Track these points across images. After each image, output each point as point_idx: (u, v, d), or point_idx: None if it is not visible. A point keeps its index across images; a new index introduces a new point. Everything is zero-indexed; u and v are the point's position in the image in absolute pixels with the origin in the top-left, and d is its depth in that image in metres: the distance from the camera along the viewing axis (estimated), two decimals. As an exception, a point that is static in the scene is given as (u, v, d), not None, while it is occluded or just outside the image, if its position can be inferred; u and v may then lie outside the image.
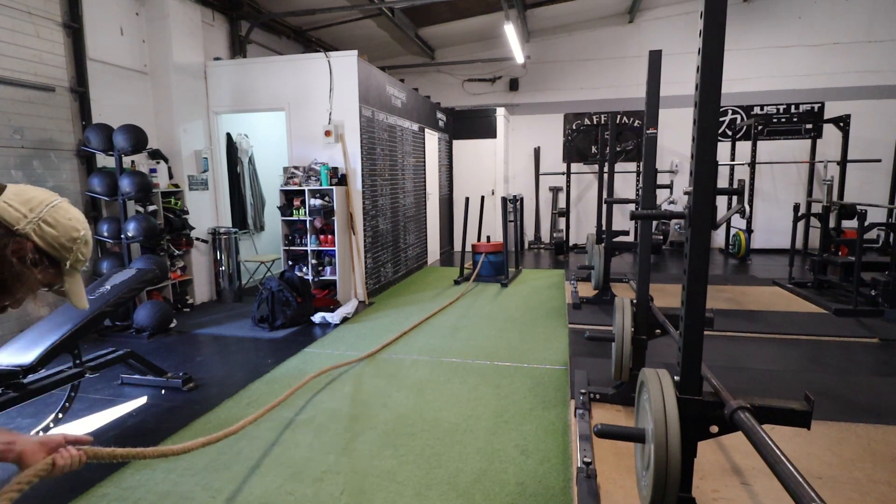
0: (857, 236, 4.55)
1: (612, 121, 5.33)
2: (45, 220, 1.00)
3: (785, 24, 8.61)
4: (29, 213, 0.98)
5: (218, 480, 2.30)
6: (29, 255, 0.98)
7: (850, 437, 2.43)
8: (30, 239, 0.98)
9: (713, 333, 3.97)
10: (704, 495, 2.01)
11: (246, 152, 6.71)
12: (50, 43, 4.24)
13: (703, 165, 1.47)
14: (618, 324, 2.64)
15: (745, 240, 7.85)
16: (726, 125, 8.91)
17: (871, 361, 3.55)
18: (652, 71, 2.70)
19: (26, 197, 1.00)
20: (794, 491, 1.07)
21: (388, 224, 6.34)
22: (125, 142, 4.35)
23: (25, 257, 0.98)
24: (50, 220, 1.00)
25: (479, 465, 2.38)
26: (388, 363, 3.78)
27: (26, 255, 0.98)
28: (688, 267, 1.53)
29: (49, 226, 1.00)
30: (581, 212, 9.68)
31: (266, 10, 6.86)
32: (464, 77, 9.85)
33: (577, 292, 5.37)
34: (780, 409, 1.47)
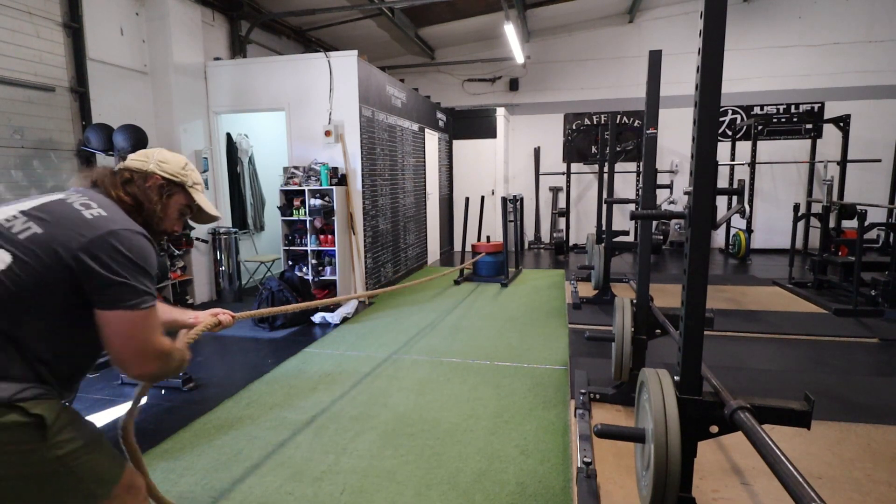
0: (857, 236, 4.55)
1: (612, 121, 5.33)
2: (160, 159, 1.39)
3: (785, 24, 8.61)
4: (148, 159, 1.38)
5: (218, 480, 2.30)
6: (163, 185, 1.37)
7: (850, 437, 2.43)
8: (156, 174, 1.36)
9: (713, 333, 3.97)
10: (704, 495, 2.01)
11: (246, 152, 6.70)
12: (50, 43, 4.24)
13: (703, 165, 1.47)
14: (618, 324, 2.63)
15: (745, 240, 7.85)
16: (726, 125, 8.91)
17: (871, 361, 3.55)
18: (652, 71, 2.70)
19: (143, 152, 1.40)
20: (794, 491, 1.07)
21: (388, 224, 6.34)
22: (125, 142, 4.34)
23: (160, 189, 1.36)
24: (163, 159, 1.40)
25: (479, 465, 2.38)
26: (388, 363, 3.78)
27: (159, 187, 1.36)
28: (688, 267, 1.53)
29: (164, 162, 1.39)
30: (581, 212, 9.68)
31: (266, 10, 6.86)
32: (464, 77, 9.85)
33: (577, 292, 5.37)
34: (780, 409, 1.47)
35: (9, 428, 1.04)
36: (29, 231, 1.13)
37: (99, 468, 1.18)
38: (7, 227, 1.14)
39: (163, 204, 1.35)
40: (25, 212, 1.17)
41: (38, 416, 1.07)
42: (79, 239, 1.12)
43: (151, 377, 1.29)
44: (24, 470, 1.07)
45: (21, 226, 1.14)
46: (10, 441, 1.04)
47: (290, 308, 2.72)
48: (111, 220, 1.18)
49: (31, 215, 1.16)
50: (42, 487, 1.09)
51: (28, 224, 1.14)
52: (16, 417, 1.05)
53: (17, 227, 1.14)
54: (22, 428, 1.06)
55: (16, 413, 1.05)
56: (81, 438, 1.15)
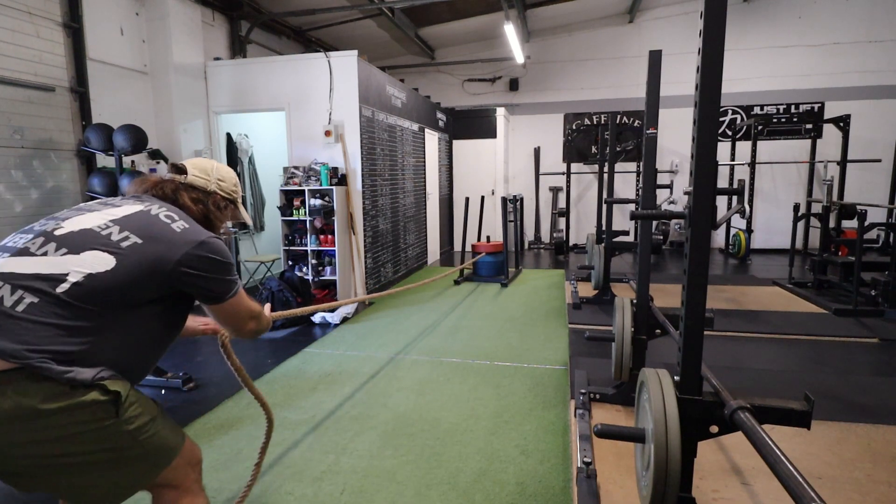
0: (857, 236, 4.55)
1: (612, 121, 5.33)
2: (219, 178, 1.59)
3: (785, 24, 8.61)
4: (209, 177, 1.57)
5: (218, 480, 2.30)
6: (220, 202, 1.58)
7: (850, 437, 2.43)
8: (217, 192, 1.57)
9: (713, 333, 3.97)
10: (704, 495, 2.01)
11: (246, 152, 6.70)
12: (50, 43, 4.24)
13: (703, 165, 1.47)
14: (618, 324, 2.64)
15: (745, 240, 7.85)
16: (726, 125, 8.91)
17: (871, 361, 3.55)
18: (652, 71, 2.70)
19: (202, 167, 1.57)
20: (794, 491, 1.07)
21: (388, 224, 6.34)
22: (125, 142, 4.34)
23: (219, 204, 1.57)
24: (221, 177, 1.60)
25: (479, 465, 2.38)
26: (388, 363, 3.78)
27: (219, 203, 1.57)
28: (688, 267, 1.53)
29: (222, 180, 1.60)
30: (581, 212, 9.68)
31: (266, 10, 6.86)
32: (464, 77, 9.85)
33: (577, 292, 5.37)
34: (780, 409, 1.47)
35: (90, 405, 1.15)
36: (128, 240, 1.28)
37: (163, 441, 1.31)
38: (106, 234, 1.28)
39: (222, 216, 1.60)
40: (116, 220, 1.32)
41: (115, 392, 1.19)
42: (176, 252, 1.30)
43: (254, 333, 1.59)
44: (99, 444, 1.18)
45: (119, 234, 1.29)
46: (91, 419, 1.16)
47: (312, 309, 2.82)
48: (196, 232, 1.37)
49: (124, 225, 1.31)
50: (115, 460, 1.22)
51: (125, 234, 1.29)
52: (96, 395, 1.16)
53: (115, 236, 1.28)
54: (101, 405, 1.17)
55: (97, 391, 1.16)
56: (148, 414, 1.28)
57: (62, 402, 1.12)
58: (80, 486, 1.21)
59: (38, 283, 1.18)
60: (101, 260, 1.23)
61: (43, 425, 1.11)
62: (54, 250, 1.23)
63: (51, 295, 1.17)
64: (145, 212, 1.36)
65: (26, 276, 1.18)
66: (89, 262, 1.22)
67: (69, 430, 1.14)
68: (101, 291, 1.21)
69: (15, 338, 1.11)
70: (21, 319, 1.13)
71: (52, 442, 1.13)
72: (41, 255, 1.22)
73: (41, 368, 1.10)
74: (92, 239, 1.26)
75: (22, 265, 1.20)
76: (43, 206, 4.18)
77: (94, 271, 1.21)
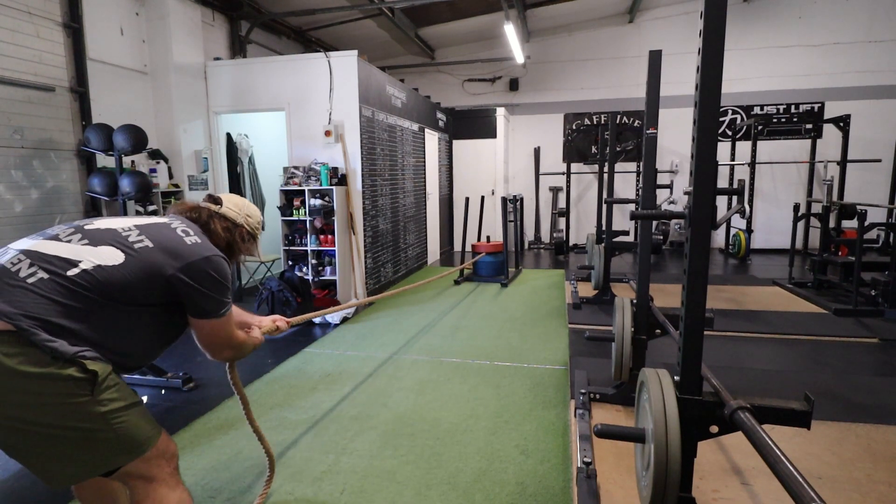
0: (857, 236, 4.55)
1: (612, 121, 5.33)
2: (248, 214, 1.77)
3: (785, 24, 8.61)
4: (240, 212, 1.75)
5: (218, 480, 2.30)
6: (245, 235, 1.76)
7: (850, 437, 2.43)
8: (244, 226, 1.75)
9: (713, 333, 3.97)
10: (704, 495, 2.01)
11: (246, 152, 6.70)
12: (50, 43, 4.24)
13: (703, 165, 1.47)
14: (618, 324, 2.64)
15: (745, 240, 7.85)
16: (726, 125, 8.91)
17: (871, 361, 3.55)
18: (652, 71, 2.70)
19: (235, 202, 1.76)
20: (794, 491, 1.07)
21: (388, 224, 6.34)
22: (125, 142, 4.34)
23: (244, 236, 1.75)
24: (249, 213, 1.78)
25: (479, 465, 2.38)
26: (388, 363, 3.78)
27: (245, 235, 1.75)
28: (688, 267, 1.53)
29: (250, 217, 1.78)
30: (581, 212, 9.68)
31: (266, 10, 6.86)
32: (464, 77, 9.85)
33: (577, 292, 5.37)
34: (780, 409, 1.47)
35: (66, 379, 1.23)
36: (142, 243, 1.44)
37: (135, 430, 1.36)
38: (125, 235, 1.45)
39: (243, 247, 1.76)
40: (139, 226, 1.49)
41: (93, 371, 1.27)
42: (180, 261, 1.45)
43: (228, 360, 1.83)
44: (71, 420, 1.25)
45: (136, 237, 1.46)
46: (65, 392, 1.23)
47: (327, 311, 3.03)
48: (205, 248, 1.52)
49: (144, 231, 1.48)
50: (84, 439, 1.28)
51: (141, 237, 1.46)
52: (74, 371, 1.24)
53: (132, 237, 1.45)
54: (77, 382, 1.25)
55: (75, 367, 1.25)
56: (123, 400, 1.34)
57: (39, 368, 1.20)
58: (46, 457, 1.27)
59: (55, 263, 1.33)
60: (113, 255, 1.39)
61: (17, 387, 1.19)
62: (78, 240, 1.40)
63: (61, 275, 1.31)
64: (166, 224, 1.55)
65: (47, 257, 1.34)
66: (103, 255, 1.38)
67: (43, 399, 1.21)
68: (105, 283, 1.34)
69: (16, 303, 1.24)
70: (27, 289, 1.26)
71: (24, 407, 1.20)
72: (66, 242, 1.39)
73: (29, 332, 1.21)
74: (112, 236, 1.44)
75: (47, 247, 1.37)
76: (43, 206, 4.18)
77: (103, 263, 1.36)
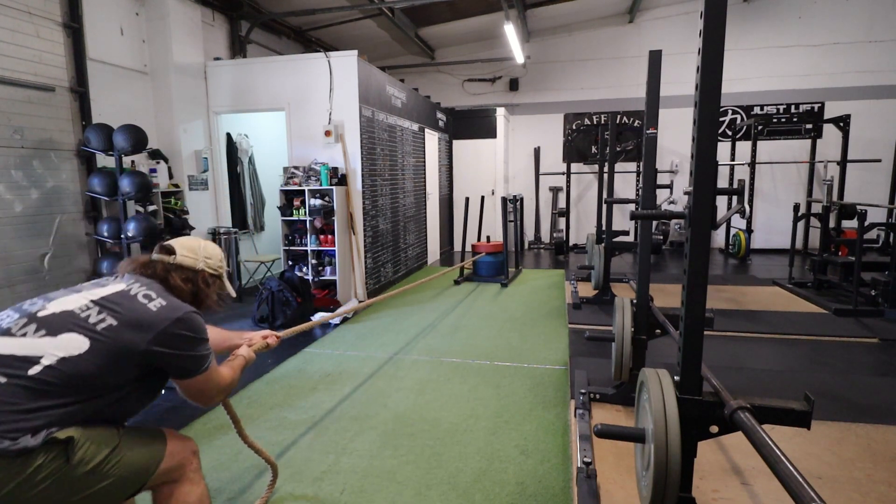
0: (857, 236, 4.55)
1: (612, 121, 5.33)
2: (206, 256, 1.65)
3: (785, 24, 8.61)
4: (197, 256, 1.63)
5: (218, 480, 2.30)
6: (208, 279, 1.64)
7: (850, 437, 2.43)
8: (205, 270, 1.63)
9: (713, 333, 3.97)
10: (704, 495, 2.01)
11: (246, 152, 6.70)
12: (50, 43, 4.24)
13: (703, 165, 1.47)
14: (618, 324, 2.64)
15: (745, 240, 7.85)
16: (726, 125, 8.91)
17: (871, 361, 3.55)
18: (652, 71, 2.70)
19: (190, 247, 1.63)
20: (794, 491, 1.07)
21: (388, 224, 6.34)
22: (125, 142, 4.34)
23: (207, 280, 1.64)
24: (207, 255, 1.66)
25: (479, 465, 2.38)
26: (388, 363, 3.78)
27: (207, 279, 1.64)
28: (688, 267, 1.53)
29: (209, 258, 1.66)
30: (581, 212, 9.68)
31: (266, 10, 6.86)
32: (464, 77, 9.85)
33: (577, 292, 5.37)
34: (780, 409, 1.47)
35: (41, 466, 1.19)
36: (104, 322, 1.34)
37: (133, 463, 1.35)
38: (84, 316, 1.34)
39: (210, 292, 1.66)
40: (96, 301, 1.38)
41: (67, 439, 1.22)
42: (150, 332, 1.36)
43: (220, 401, 1.73)
44: (67, 491, 1.23)
45: (96, 316, 1.35)
46: (47, 475, 1.19)
47: (317, 323, 2.90)
48: (172, 309, 1.43)
49: (103, 306, 1.37)
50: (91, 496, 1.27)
51: (102, 315, 1.35)
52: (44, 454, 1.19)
53: (93, 317, 1.34)
54: (51, 459, 1.20)
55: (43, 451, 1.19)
56: (106, 446, 1.31)
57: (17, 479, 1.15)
58: None
59: (12, 364, 1.23)
60: (76, 342, 1.29)
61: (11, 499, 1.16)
62: (34, 332, 1.29)
63: (22, 377, 1.21)
64: (125, 292, 1.43)
65: (2, 359, 1.23)
66: (64, 344, 1.28)
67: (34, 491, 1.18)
68: (73, 376, 1.26)
69: None
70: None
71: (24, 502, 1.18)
72: (20, 337, 1.28)
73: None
74: (71, 320, 1.32)
75: (1, 346, 1.26)
76: (43, 206, 4.18)
77: (67, 354, 1.26)
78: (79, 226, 4.52)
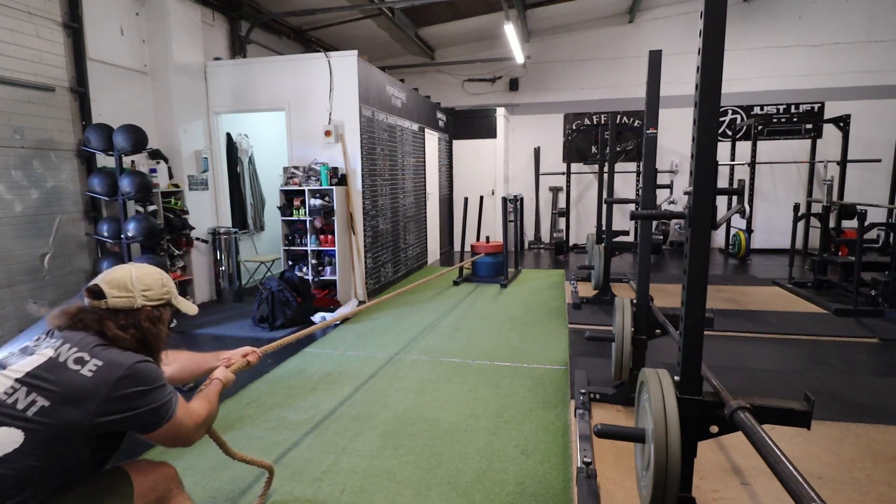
0: (857, 236, 4.55)
1: (612, 121, 5.33)
2: (142, 289, 1.39)
3: (785, 24, 8.61)
4: (132, 292, 1.37)
5: (218, 480, 2.30)
6: (152, 316, 1.40)
7: (850, 437, 2.43)
8: (146, 306, 1.39)
9: (713, 333, 3.97)
10: (704, 495, 2.01)
11: (246, 152, 6.70)
12: (50, 43, 4.24)
13: (703, 165, 1.47)
14: (618, 324, 2.63)
15: (745, 240, 7.85)
16: (726, 125, 8.91)
17: (871, 361, 3.55)
18: (652, 71, 2.70)
19: (120, 284, 1.37)
20: (794, 491, 1.07)
21: (388, 224, 6.34)
22: (125, 142, 4.34)
23: (151, 316, 1.40)
24: (144, 286, 1.40)
25: (479, 465, 2.38)
26: (388, 363, 3.78)
27: (151, 315, 1.40)
28: (688, 267, 1.53)
29: (147, 289, 1.40)
30: (581, 212, 9.68)
31: (266, 10, 6.86)
32: (464, 77, 9.85)
33: (577, 292, 5.37)
34: (780, 409, 1.47)
35: None
36: (36, 406, 1.17)
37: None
38: (11, 402, 1.17)
39: (159, 329, 1.42)
40: (22, 381, 1.20)
41: None
42: (92, 402, 1.19)
43: (200, 438, 1.50)
44: None
45: (24, 399, 1.17)
46: None
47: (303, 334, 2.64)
48: (111, 367, 1.24)
49: (31, 385, 1.19)
50: None
51: (32, 397, 1.18)
52: None
53: (21, 402, 1.17)
54: None
55: None
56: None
57: None
58: None
59: None
60: (8, 437, 1.14)
61: None
62: None
63: None
64: (53, 360, 1.24)
65: None
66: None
67: None
68: (10, 477, 1.12)
69: None
70: None
71: None
72: None
73: None
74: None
75: None
76: (43, 206, 4.18)
77: (2, 453, 1.13)
78: (79, 226, 4.52)
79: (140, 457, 2.32)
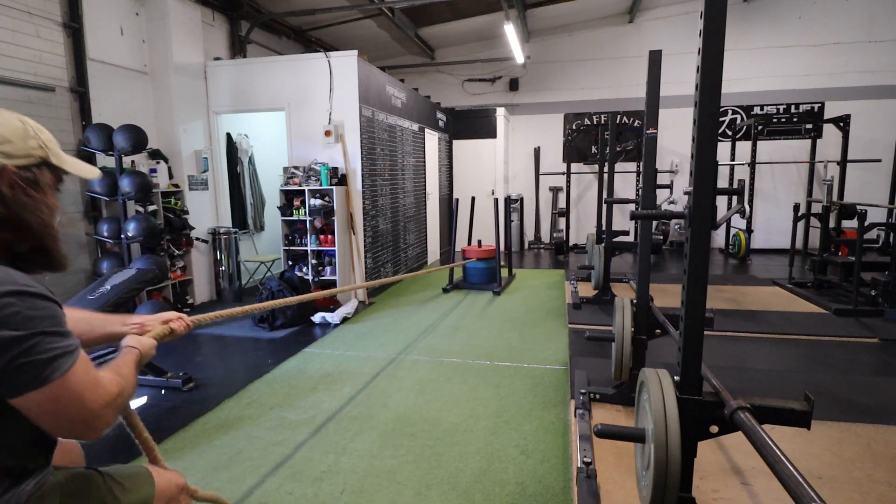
0: (857, 236, 4.55)
1: (612, 121, 5.33)
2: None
3: (785, 24, 8.61)
4: None
5: (218, 480, 2.30)
6: (21, 178, 0.95)
7: (850, 437, 2.43)
8: (7, 166, 0.93)
9: (713, 333, 3.97)
10: (704, 495, 2.01)
11: (246, 152, 6.70)
12: (50, 43, 4.24)
13: (703, 165, 1.47)
14: (618, 324, 2.63)
15: (745, 240, 7.85)
16: (726, 125, 8.91)
17: (871, 361, 3.55)
18: (652, 71, 2.70)
19: None
20: (794, 491, 1.07)
21: (388, 224, 6.34)
22: (125, 142, 4.34)
23: (19, 182, 0.94)
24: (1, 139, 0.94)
25: (479, 465, 2.38)
26: (388, 363, 3.78)
27: (19, 181, 0.94)
28: (688, 267, 1.53)
29: (6, 142, 0.94)
30: (581, 212, 9.68)
31: (266, 10, 6.86)
32: (464, 77, 9.85)
33: (577, 292, 5.37)
34: (780, 409, 1.47)
35: None
36: None
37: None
38: None
39: (35, 199, 0.97)
40: None
41: None
42: None
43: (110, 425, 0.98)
44: None
45: None
46: None
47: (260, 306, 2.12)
48: None
49: None
50: None
51: None
52: None
53: None
54: None
55: None
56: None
57: None
58: None
59: None
60: None
61: None
62: None
63: None
64: None
65: None
66: None
67: None
68: None
69: None
70: None
71: None
72: None
73: None
74: None
75: None
76: (43, 206, 4.18)
77: None
78: (79, 226, 4.53)
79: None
